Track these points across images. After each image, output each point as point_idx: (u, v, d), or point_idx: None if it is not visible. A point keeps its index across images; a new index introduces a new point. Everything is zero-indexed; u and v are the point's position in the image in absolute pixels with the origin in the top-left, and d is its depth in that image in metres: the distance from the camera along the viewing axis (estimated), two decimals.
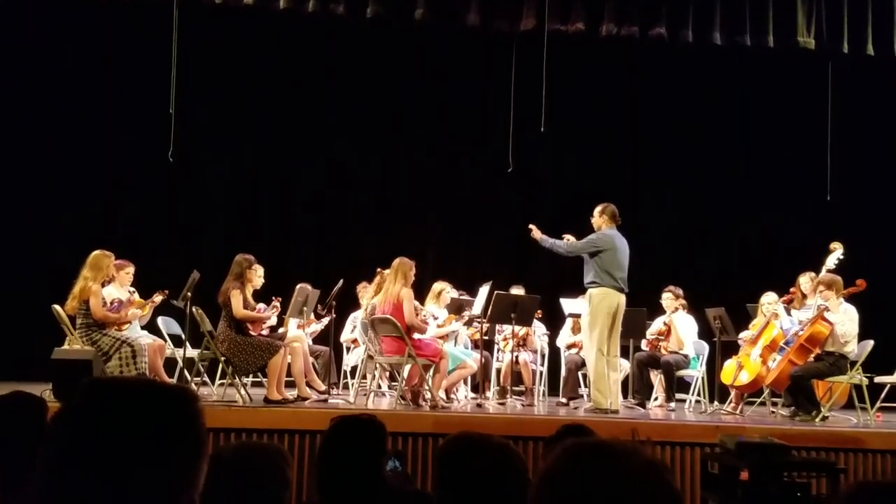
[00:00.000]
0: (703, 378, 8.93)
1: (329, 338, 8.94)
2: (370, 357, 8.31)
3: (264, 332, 8.23)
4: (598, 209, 8.18)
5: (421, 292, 8.87)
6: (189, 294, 7.91)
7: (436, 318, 8.89)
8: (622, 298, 7.94)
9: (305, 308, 8.37)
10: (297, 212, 11.29)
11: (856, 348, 8.06)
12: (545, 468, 1.37)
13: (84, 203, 10.60)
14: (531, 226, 8.42)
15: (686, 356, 9.04)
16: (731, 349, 8.88)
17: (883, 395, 8.33)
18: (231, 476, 2.44)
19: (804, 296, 8.55)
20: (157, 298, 8.14)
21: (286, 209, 11.28)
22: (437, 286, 9.22)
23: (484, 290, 8.56)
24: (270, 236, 10.98)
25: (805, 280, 8.58)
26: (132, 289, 8.13)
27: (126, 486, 1.26)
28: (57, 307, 7.79)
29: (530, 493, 1.38)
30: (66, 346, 7.61)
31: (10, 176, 10.34)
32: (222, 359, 7.75)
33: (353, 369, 9.25)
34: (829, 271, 8.36)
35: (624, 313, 8.03)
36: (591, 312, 7.98)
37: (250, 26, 10.80)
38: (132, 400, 1.33)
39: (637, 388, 8.92)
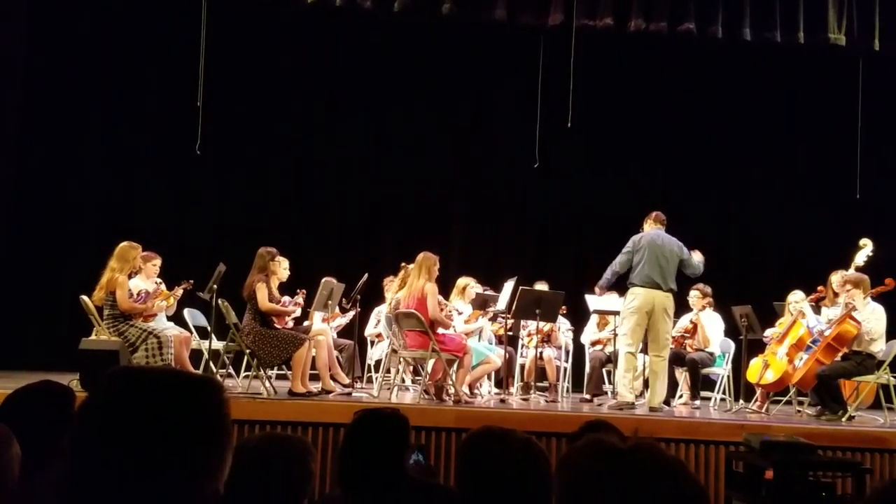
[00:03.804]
0: (728, 376, 8.88)
1: (353, 331, 8.96)
2: (394, 351, 8.33)
3: (289, 325, 8.27)
4: None
5: (445, 287, 8.88)
6: (215, 286, 7.95)
7: (460, 314, 8.89)
8: (660, 296, 7.89)
9: (330, 302, 8.40)
10: (323, 205, 11.31)
11: (883, 348, 7.99)
12: (570, 468, 1.37)
13: (112, 195, 10.68)
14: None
15: (712, 354, 8.99)
16: (758, 347, 8.83)
17: None
18: (256, 467, 2.45)
19: (836, 294, 8.46)
20: (179, 292, 8.18)
21: (312, 202, 11.30)
22: (462, 281, 9.22)
23: (509, 286, 8.55)
24: (296, 229, 11.01)
25: (837, 278, 8.48)
26: (159, 280, 8.19)
27: (151, 475, 1.26)
28: (85, 298, 7.86)
29: (557, 490, 1.38)
30: (93, 337, 7.68)
31: (39, 167, 10.44)
32: (247, 351, 7.79)
33: (377, 363, 9.27)
34: (858, 267, 8.29)
35: None
36: (622, 311, 8.10)
37: (278, 20, 10.84)
38: (158, 390, 1.33)
39: None
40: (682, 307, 9.18)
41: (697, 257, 8.26)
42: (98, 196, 10.65)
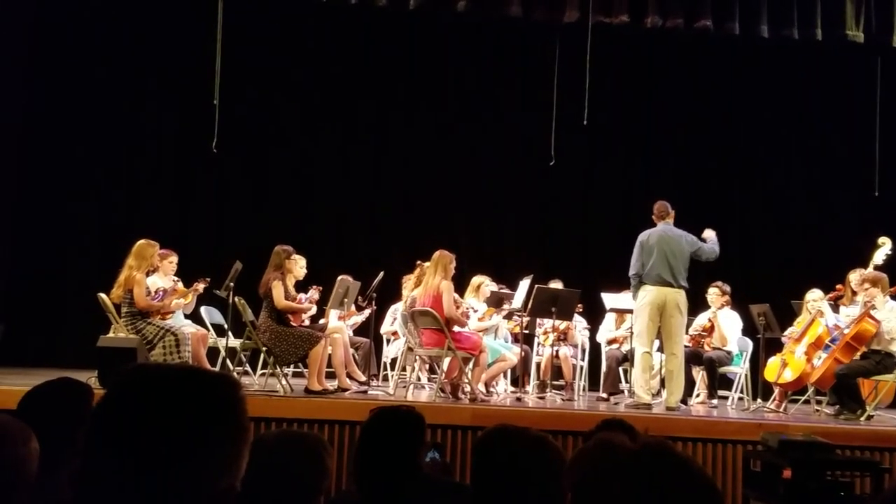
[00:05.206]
0: (746, 375, 8.84)
1: (369, 329, 8.98)
2: (410, 349, 8.34)
3: (305, 323, 8.29)
4: None
5: (461, 285, 8.87)
6: (232, 284, 7.98)
7: (475, 311, 8.89)
8: (671, 293, 7.83)
9: (346, 300, 8.41)
10: (337, 203, 11.31)
11: None
12: (581, 468, 1.37)
13: (130, 192, 10.74)
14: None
15: (729, 353, 8.94)
16: (776, 346, 8.78)
17: None
18: (272, 463, 2.46)
19: (854, 292, 8.41)
20: (200, 287, 8.21)
21: (329, 200, 11.31)
22: (477, 279, 9.22)
23: (524, 284, 8.55)
24: (313, 227, 11.03)
25: (855, 277, 8.43)
26: (176, 278, 8.23)
27: (167, 471, 1.27)
28: (102, 295, 7.90)
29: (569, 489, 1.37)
30: (111, 334, 7.72)
31: (57, 165, 10.50)
32: (264, 349, 7.81)
33: (393, 361, 9.28)
34: (877, 266, 8.24)
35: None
36: (634, 308, 8.07)
37: (294, 18, 10.87)
38: (175, 386, 1.34)
39: None
40: (699, 305, 9.15)
41: (709, 236, 8.18)
42: (116, 193, 10.70)
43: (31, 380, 3.59)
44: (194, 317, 8.59)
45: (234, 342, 8.25)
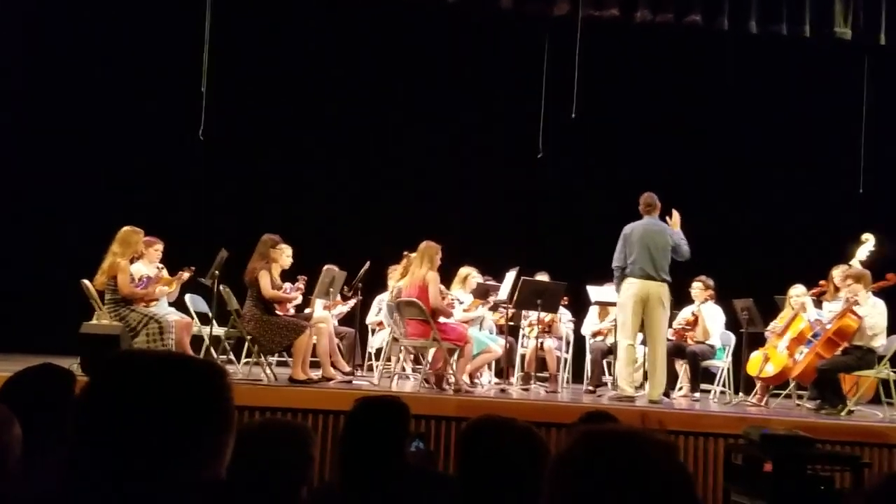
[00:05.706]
0: (728, 369, 8.89)
1: (355, 319, 8.97)
2: (395, 340, 8.33)
3: (290, 313, 8.27)
4: None
5: (447, 277, 8.87)
6: (217, 272, 7.95)
7: (461, 303, 8.90)
8: (654, 286, 7.83)
9: (332, 289, 8.40)
10: (325, 192, 11.29)
11: (884, 342, 7.99)
12: (561, 454, 1.37)
13: (115, 179, 10.67)
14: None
15: (712, 346, 8.99)
16: (758, 341, 8.83)
17: None
18: (256, 452, 2.45)
19: (837, 288, 8.45)
20: (185, 275, 8.18)
21: (315, 190, 11.27)
22: (463, 271, 9.22)
23: (510, 276, 8.55)
24: (299, 216, 10.97)
25: (838, 273, 8.48)
26: (160, 265, 8.19)
27: (152, 459, 1.26)
28: (86, 282, 7.86)
29: (546, 477, 1.37)
30: (94, 321, 7.68)
31: (42, 151, 10.42)
32: (248, 337, 7.80)
33: (378, 351, 9.28)
34: (860, 262, 8.29)
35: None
36: (618, 301, 8.10)
37: (283, 5, 10.81)
38: (160, 373, 1.33)
39: None
40: (683, 299, 9.18)
41: (675, 220, 8.18)
42: (101, 179, 10.63)
43: (14, 366, 3.57)
44: (179, 304, 8.54)
45: (219, 330, 8.23)
